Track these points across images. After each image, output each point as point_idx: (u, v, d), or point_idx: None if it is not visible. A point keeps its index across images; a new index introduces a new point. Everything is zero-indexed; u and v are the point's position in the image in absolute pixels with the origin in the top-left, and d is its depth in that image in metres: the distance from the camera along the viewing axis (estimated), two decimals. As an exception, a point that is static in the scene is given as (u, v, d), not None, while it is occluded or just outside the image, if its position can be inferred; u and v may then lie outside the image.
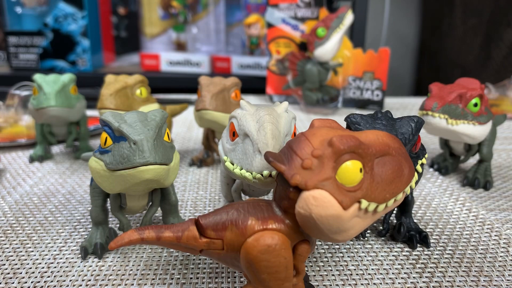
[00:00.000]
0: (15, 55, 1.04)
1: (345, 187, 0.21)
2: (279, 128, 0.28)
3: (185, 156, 0.56)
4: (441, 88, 0.42)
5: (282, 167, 0.22)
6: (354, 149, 0.21)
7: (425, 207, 0.41)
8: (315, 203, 0.20)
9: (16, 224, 0.37)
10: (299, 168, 0.21)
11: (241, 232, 0.23)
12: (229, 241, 0.23)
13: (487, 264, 0.32)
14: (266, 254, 0.22)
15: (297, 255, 0.23)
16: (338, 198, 0.20)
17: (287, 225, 0.23)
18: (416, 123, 0.30)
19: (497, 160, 0.54)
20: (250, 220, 0.23)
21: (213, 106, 0.44)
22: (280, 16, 0.82)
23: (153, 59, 1.07)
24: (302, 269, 0.24)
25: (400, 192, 0.22)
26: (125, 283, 0.29)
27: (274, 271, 0.22)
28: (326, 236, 0.22)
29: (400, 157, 0.22)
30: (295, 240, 0.23)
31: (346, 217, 0.21)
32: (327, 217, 0.20)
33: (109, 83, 0.46)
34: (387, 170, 0.22)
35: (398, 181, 0.22)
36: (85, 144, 0.54)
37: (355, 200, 0.21)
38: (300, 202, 0.21)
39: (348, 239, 0.22)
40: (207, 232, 0.24)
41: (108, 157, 0.27)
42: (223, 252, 0.23)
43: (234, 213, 0.23)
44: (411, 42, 1.49)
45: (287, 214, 0.23)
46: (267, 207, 0.24)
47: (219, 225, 0.23)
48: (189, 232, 0.24)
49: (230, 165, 0.29)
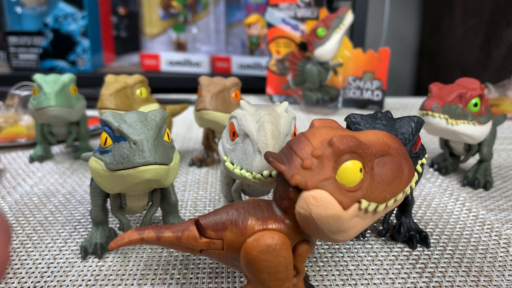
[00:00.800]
0: (15, 55, 1.04)
1: (345, 187, 0.21)
2: (279, 128, 0.28)
3: (185, 156, 0.56)
4: (441, 88, 0.42)
5: (282, 167, 0.22)
6: (354, 149, 0.21)
7: (425, 207, 0.41)
8: (315, 203, 0.20)
9: (16, 224, 0.37)
10: (299, 168, 0.21)
11: (241, 232, 0.23)
12: (229, 241, 0.23)
13: (487, 264, 0.32)
14: (266, 254, 0.22)
15: (297, 255, 0.23)
16: (338, 198, 0.20)
17: (287, 225, 0.23)
18: (416, 123, 0.30)
19: (497, 160, 0.54)
20: (250, 220, 0.23)
21: (213, 106, 0.44)
22: (280, 16, 0.82)
23: (153, 59, 1.07)
24: (302, 269, 0.24)
25: (400, 192, 0.22)
26: (125, 283, 0.29)
27: (274, 271, 0.22)
28: (326, 236, 0.22)
29: (400, 157, 0.22)
30: (295, 240, 0.23)
31: (346, 217, 0.21)
32: (327, 217, 0.20)
33: (109, 83, 0.46)
34: (387, 170, 0.22)
35: (398, 181, 0.22)
36: (85, 144, 0.54)
37: (355, 200, 0.21)
38: (300, 202, 0.21)
39: (348, 239, 0.22)
40: (207, 232, 0.23)
41: (108, 157, 0.27)
42: (223, 252, 0.23)
43: (234, 213, 0.23)
44: (411, 42, 1.49)
45: (287, 214, 0.23)
46: (267, 207, 0.24)
47: (219, 225, 0.23)
48: (189, 232, 0.24)
49: (230, 165, 0.29)
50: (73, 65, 1.05)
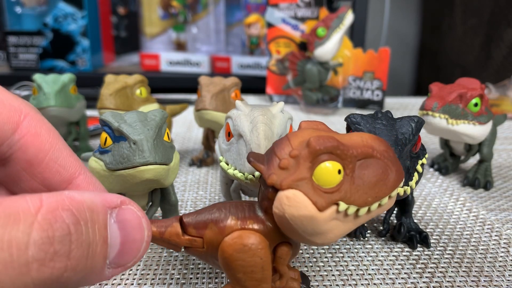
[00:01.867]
0: (15, 55, 1.04)
1: (322, 188, 0.20)
2: (273, 128, 0.28)
3: (185, 156, 0.56)
4: (441, 88, 0.42)
5: (261, 166, 0.22)
6: (332, 150, 0.20)
7: (425, 207, 0.41)
8: (288, 203, 0.20)
9: (16, 224, 0.37)
10: (277, 168, 0.21)
11: (220, 231, 0.23)
12: (209, 239, 0.23)
13: (487, 264, 0.32)
14: (242, 253, 0.22)
15: (277, 257, 0.23)
16: (313, 198, 0.20)
17: (266, 226, 0.23)
18: (416, 123, 0.30)
19: (497, 160, 0.54)
20: (230, 219, 0.23)
21: (213, 106, 0.44)
22: (280, 16, 0.82)
23: (153, 59, 1.07)
24: (284, 271, 0.24)
25: (384, 196, 0.21)
26: (125, 283, 0.29)
27: (250, 270, 0.22)
28: (302, 237, 0.21)
29: (386, 160, 0.22)
30: (274, 241, 0.23)
31: (322, 219, 0.20)
32: (300, 217, 0.20)
33: (109, 83, 0.46)
34: (369, 173, 0.21)
35: (382, 184, 0.21)
36: (85, 144, 0.54)
37: (332, 202, 0.20)
38: (275, 202, 0.21)
39: (328, 242, 0.21)
40: (188, 229, 0.24)
41: (108, 157, 0.27)
42: (203, 251, 0.24)
43: (216, 212, 0.24)
44: (411, 42, 1.49)
45: (268, 215, 0.23)
46: (249, 208, 0.24)
47: (200, 223, 0.24)
48: (172, 228, 0.24)
49: (225, 165, 0.29)
50: (72, 65, 1.05)
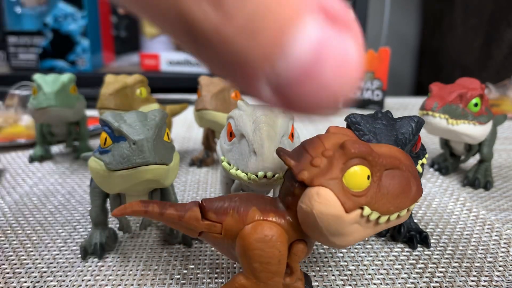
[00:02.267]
0: (15, 55, 1.04)
1: (351, 190, 0.21)
2: (275, 129, 0.28)
3: (185, 156, 0.56)
4: (441, 88, 0.42)
5: (292, 162, 0.22)
6: (365, 155, 0.21)
7: (426, 207, 0.41)
8: (318, 199, 0.21)
9: (16, 224, 0.37)
10: (308, 165, 0.21)
11: (241, 219, 0.23)
12: (228, 226, 0.23)
13: (487, 264, 0.32)
14: (261, 243, 0.22)
15: (292, 254, 0.24)
16: (342, 199, 0.21)
17: (287, 221, 0.23)
18: (416, 123, 0.30)
19: (497, 160, 0.54)
20: (252, 209, 0.23)
21: (213, 106, 0.44)
22: (280, 16, 0.82)
23: (153, 59, 1.07)
24: (296, 269, 0.24)
25: (405, 208, 0.22)
26: (125, 283, 0.29)
27: (266, 261, 0.22)
28: (324, 236, 0.22)
29: (409, 174, 0.22)
30: (292, 237, 0.23)
31: (347, 220, 0.21)
32: (328, 215, 0.21)
33: (108, 83, 0.46)
34: (395, 183, 0.22)
35: (404, 196, 0.22)
36: (85, 144, 0.54)
37: (358, 205, 0.21)
38: (303, 197, 0.21)
39: (346, 245, 0.22)
40: (208, 214, 0.24)
41: (108, 157, 0.27)
42: (220, 237, 0.24)
43: (238, 200, 0.24)
44: (411, 42, 1.49)
45: (289, 211, 0.23)
46: (271, 201, 0.24)
47: (221, 209, 0.24)
48: (192, 212, 0.24)
49: (227, 165, 0.29)
50: (72, 65, 1.05)
